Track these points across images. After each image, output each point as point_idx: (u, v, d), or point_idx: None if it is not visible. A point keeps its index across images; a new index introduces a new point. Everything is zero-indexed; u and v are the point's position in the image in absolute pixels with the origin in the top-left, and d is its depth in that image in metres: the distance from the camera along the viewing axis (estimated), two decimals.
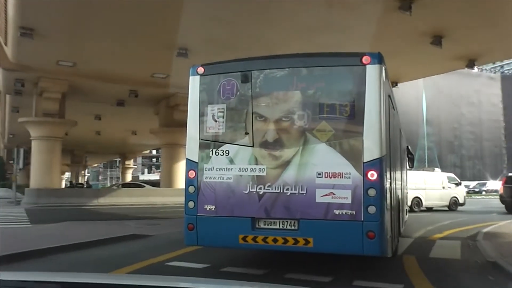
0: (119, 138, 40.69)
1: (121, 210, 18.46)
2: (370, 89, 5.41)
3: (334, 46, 9.61)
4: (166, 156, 25.70)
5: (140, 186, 27.37)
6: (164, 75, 20.52)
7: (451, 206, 21.42)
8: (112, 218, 14.72)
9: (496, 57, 19.77)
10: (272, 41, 15.25)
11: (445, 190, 21.57)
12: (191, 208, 5.94)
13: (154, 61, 18.32)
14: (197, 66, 6.16)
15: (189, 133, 6.10)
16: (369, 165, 5.31)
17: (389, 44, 13.91)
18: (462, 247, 8.51)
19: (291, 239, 5.51)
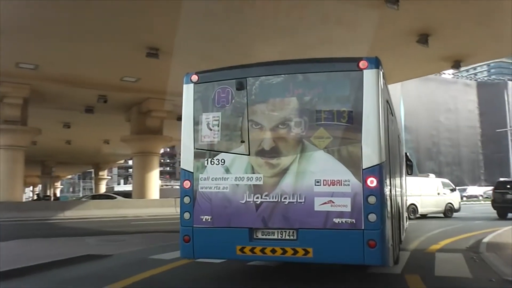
0: (91, 147, 39.55)
1: (87, 224, 17.31)
2: (368, 94, 5.44)
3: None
4: (138, 165, 24.68)
5: (111, 198, 25.92)
6: (134, 79, 19.84)
7: (447, 213, 21.26)
8: (73, 233, 13.56)
9: (481, 58, 19.75)
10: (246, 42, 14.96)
11: (440, 196, 21.37)
12: (186, 219, 5.94)
13: (123, 63, 17.71)
14: (191, 74, 6.19)
15: (184, 143, 6.09)
16: (369, 172, 5.32)
17: (374, 45, 13.74)
18: (467, 261, 7.87)
19: (290, 250, 5.52)
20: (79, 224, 17.82)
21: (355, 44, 13.95)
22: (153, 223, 18.12)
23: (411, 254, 8.67)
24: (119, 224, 17.42)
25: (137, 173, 25.16)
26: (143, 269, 6.77)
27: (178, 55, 15.42)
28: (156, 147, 25.07)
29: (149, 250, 9.27)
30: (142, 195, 24.32)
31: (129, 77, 19.64)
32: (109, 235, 12.74)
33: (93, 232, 13.71)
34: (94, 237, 12.24)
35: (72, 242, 11.00)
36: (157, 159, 25.50)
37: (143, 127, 24.27)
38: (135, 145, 24.87)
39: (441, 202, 21.27)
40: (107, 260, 8.40)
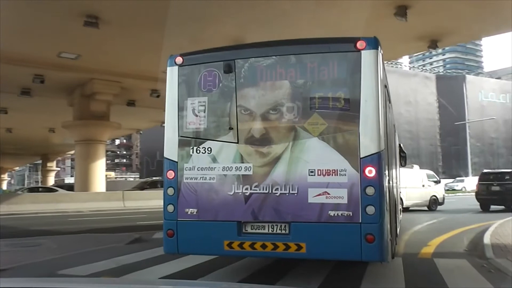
0: (36, 137, 37.13)
1: (15, 221, 15.69)
2: (366, 77, 5.25)
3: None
4: (81, 155, 22.96)
5: (52, 190, 23.10)
6: (74, 55, 18.35)
7: (431, 206, 20.67)
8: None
9: (459, 38, 19.23)
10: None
11: (425, 189, 20.74)
12: (170, 212, 5.70)
13: (59, 35, 15.59)
14: (175, 56, 5.93)
15: (167, 130, 5.87)
16: (367, 161, 5.14)
17: (350, 22, 13.22)
18: (480, 271, 6.70)
19: (282, 245, 5.35)
20: (6, 221, 15.32)
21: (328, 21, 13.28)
22: (93, 219, 16.46)
23: (405, 262, 7.48)
24: (53, 221, 16.09)
25: (80, 163, 23.21)
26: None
27: (123, 25, 14.20)
28: (102, 134, 22.93)
29: (64, 260, 7.83)
30: (86, 187, 22.80)
31: (67, 53, 17.79)
32: (29, 237, 10.30)
33: (13, 233, 11.52)
34: (7, 240, 9.77)
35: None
36: (103, 147, 23.41)
37: (86, 111, 22.70)
38: (78, 131, 23.02)
39: (426, 195, 20.68)
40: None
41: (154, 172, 62.37)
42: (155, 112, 30.21)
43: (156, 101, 24.81)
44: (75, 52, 17.57)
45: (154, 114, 30.67)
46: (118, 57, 18.30)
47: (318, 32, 6.63)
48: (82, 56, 17.85)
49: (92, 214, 18.90)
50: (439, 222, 14.89)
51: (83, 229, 12.60)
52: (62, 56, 17.89)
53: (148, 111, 28.34)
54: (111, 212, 19.29)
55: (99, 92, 21.57)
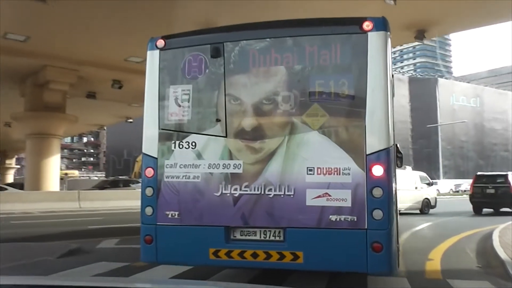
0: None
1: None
2: (373, 63, 4.77)
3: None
4: (33, 150, 21.40)
5: (1, 189, 20.76)
6: (23, 37, 16.83)
7: (423, 209, 19.84)
8: None
9: (446, 29, 19.18)
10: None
11: (418, 191, 19.91)
12: (149, 215, 5.18)
13: (3, 11, 13.76)
14: (156, 39, 5.42)
15: (146, 122, 5.35)
16: (374, 158, 4.66)
17: (334, 6, 12.21)
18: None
19: (276, 254, 4.86)
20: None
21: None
22: (39, 222, 15.72)
23: (413, 284, 6.20)
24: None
25: (32, 159, 21.64)
26: None
27: (76, 3, 12.82)
28: (57, 128, 21.25)
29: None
30: (38, 186, 21.18)
31: (13, 34, 16.21)
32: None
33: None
34: None
35: None
36: (58, 142, 21.64)
37: (39, 102, 21.19)
38: (29, 124, 21.63)
39: (419, 197, 19.84)
40: None
41: (121, 171, 60.40)
42: (119, 106, 28.32)
43: (119, 94, 23.04)
44: (24, 34, 16.16)
45: (118, 108, 28.71)
46: (73, 41, 16.90)
47: (300, 15, 5.75)
48: (31, 38, 16.56)
49: (41, 216, 17.15)
50: (429, 228, 14.12)
51: (15, 236, 10.70)
52: (8, 38, 16.41)
53: (111, 105, 26.62)
54: (63, 214, 17.60)
55: (53, 80, 20.05)
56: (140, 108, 26.86)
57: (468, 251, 9.03)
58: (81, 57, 18.21)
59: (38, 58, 18.27)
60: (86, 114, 27.23)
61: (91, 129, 54.56)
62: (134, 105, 25.91)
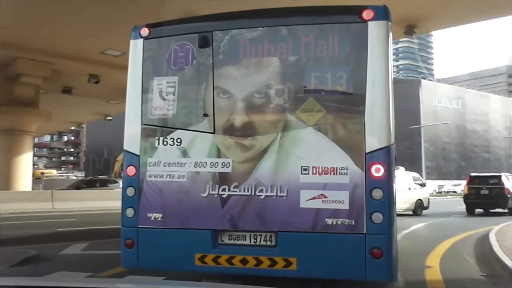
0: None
1: None
2: (374, 54, 4.51)
3: None
4: (3, 147, 20.66)
5: None
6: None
7: (416, 210, 19.56)
8: None
9: (437, 24, 17.51)
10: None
11: (411, 192, 19.60)
12: (129, 217, 4.87)
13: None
14: (140, 27, 5.13)
15: (128, 116, 5.05)
16: (374, 157, 4.41)
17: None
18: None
19: (267, 260, 4.58)
20: None
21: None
22: (7, 224, 13.74)
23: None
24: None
25: (1, 157, 20.92)
26: None
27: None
28: (29, 124, 20.47)
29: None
30: (8, 185, 20.11)
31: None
32: None
33: None
34: None
35: None
36: (30, 139, 20.89)
37: (10, 97, 20.13)
38: (0, 120, 19.13)
39: (412, 198, 19.56)
40: None
41: (101, 171, 59.21)
42: (97, 103, 27.36)
43: (96, 90, 22.14)
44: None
45: (96, 105, 27.72)
46: (46, 32, 16.13)
47: (287, 3, 5.21)
48: (1, 28, 15.43)
49: (10, 218, 16.29)
50: (420, 230, 13.67)
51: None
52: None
53: (89, 102, 25.77)
54: (34, 215, 16.75)
55: (25, 74, 19.17)
56: (119, 105, 26.11)
57: (467, 256, 8.56)
58: (55, 49, 17.38)
59: (8, 49, 17.21)
60: (63, 111, 26.31)
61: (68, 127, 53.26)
62: (113, 102, 25.14)
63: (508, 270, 6.61)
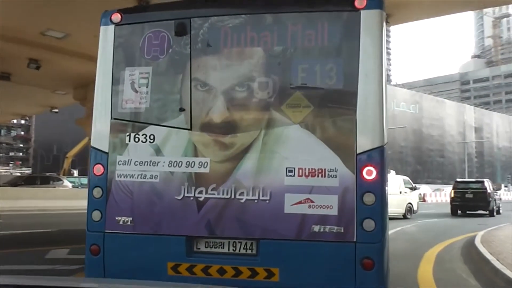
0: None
1: None
2: (366, 45, 4.20)
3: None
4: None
5: None
6: None
7: (406, 214, 19.87)
8: None
9: (414, 14, 15.82)
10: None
11: (402, 196, 19.89)
12: (96, 221, 4.47)
13: None
14: (111, 12, 4.73)
15: (96, 110, 4.67)
16: (366, 158, 4.09)
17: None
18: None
19: (246, 270, 4.20)
20: None
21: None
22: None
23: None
24: None
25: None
26: None
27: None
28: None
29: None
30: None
31: None
32: None
33: None
34: None
35: None
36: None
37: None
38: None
39: (402, 202, 19.83)
40: None
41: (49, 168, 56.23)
42: (41, 93, 25.04)
43: (39, 78, 20.18)
44: None
45: (40, 95, 25.44)
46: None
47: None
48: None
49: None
50: (397, 236, 13.09)
51: None
52: None
53: (32, 92, 23.41)
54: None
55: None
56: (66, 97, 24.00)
57: (463, 274, 7.52)
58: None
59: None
60: (3, 101, 23.83)
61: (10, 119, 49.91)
62: (59, 92, 23.14)
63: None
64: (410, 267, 7.56)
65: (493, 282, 6.71)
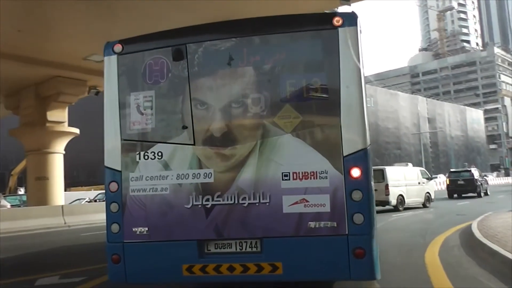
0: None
1: None
2: (345, 59, 4.70)
3: None
4: None
5: None
6: None
7: (425, 203, 21.31)
8: None
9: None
10: None
11: (421, 186, 21.42)
12: (115, 233, 4.93)
13: None
14: (113, 43, 5.22)
15: (107, 133, 5.12)
16: (352, 160, 4.60)
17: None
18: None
19: (253, 266, 4.71)
20: None
21: None
22: None
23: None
24: None
25: None
26: None
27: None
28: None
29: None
30: None
31: None
32: None
33: None
34: None
35: None
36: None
37: None
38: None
39: (421, 192, 21.29)
40: None
41: None
42: None
43: None
44: None
45: None
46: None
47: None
48: None
49: None
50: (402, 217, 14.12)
51: None
52: None
53: None
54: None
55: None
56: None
57: (466, 258, 7.46)
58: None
59: None
60: None
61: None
62: None
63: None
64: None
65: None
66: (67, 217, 18.47)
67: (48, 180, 21.35)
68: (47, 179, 21.29)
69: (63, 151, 22.58)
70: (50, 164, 21.56)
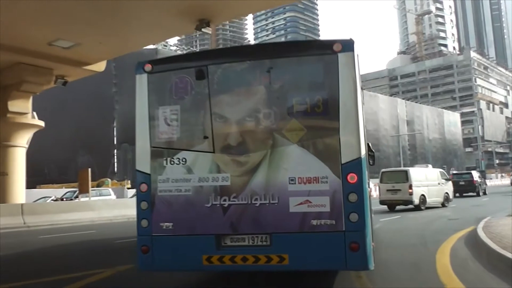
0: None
1: None
2: (344, 80, 5.34)
3: None
4: None
5: None
6: None
7: (444, 203, 22.46)
8: None
9: (233, 12, 16.01)
10: None
11: (440, 186, 22.65)
12: (144, 227, 5.62)
13: None
14: (144, 63, 5.89)
15: (139, 141, 5.79)
16: (349, 167, 5.22)
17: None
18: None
19: (263, 257, 5.37)
20: None
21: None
22: None
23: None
24: None
25: None
26: None
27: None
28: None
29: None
30: None
31: None
32: None
33: None
34: None
35: None
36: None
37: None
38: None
39: (441, 192, 22.44)
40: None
41: None
42: None
43: None
44: None
45: None
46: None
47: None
48: None
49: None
50: (397, 219, 14.23)
51: None
52: None
53: None
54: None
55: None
56: None
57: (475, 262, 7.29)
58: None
59: None
60: None
61: None
62: None
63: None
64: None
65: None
66: (28, 217, 17.32)
67: (8, 176, 20.16)
68: (6, 175, 20.14)
69: (25, 145, 21.41)
70: (11, 158, 20.34)
